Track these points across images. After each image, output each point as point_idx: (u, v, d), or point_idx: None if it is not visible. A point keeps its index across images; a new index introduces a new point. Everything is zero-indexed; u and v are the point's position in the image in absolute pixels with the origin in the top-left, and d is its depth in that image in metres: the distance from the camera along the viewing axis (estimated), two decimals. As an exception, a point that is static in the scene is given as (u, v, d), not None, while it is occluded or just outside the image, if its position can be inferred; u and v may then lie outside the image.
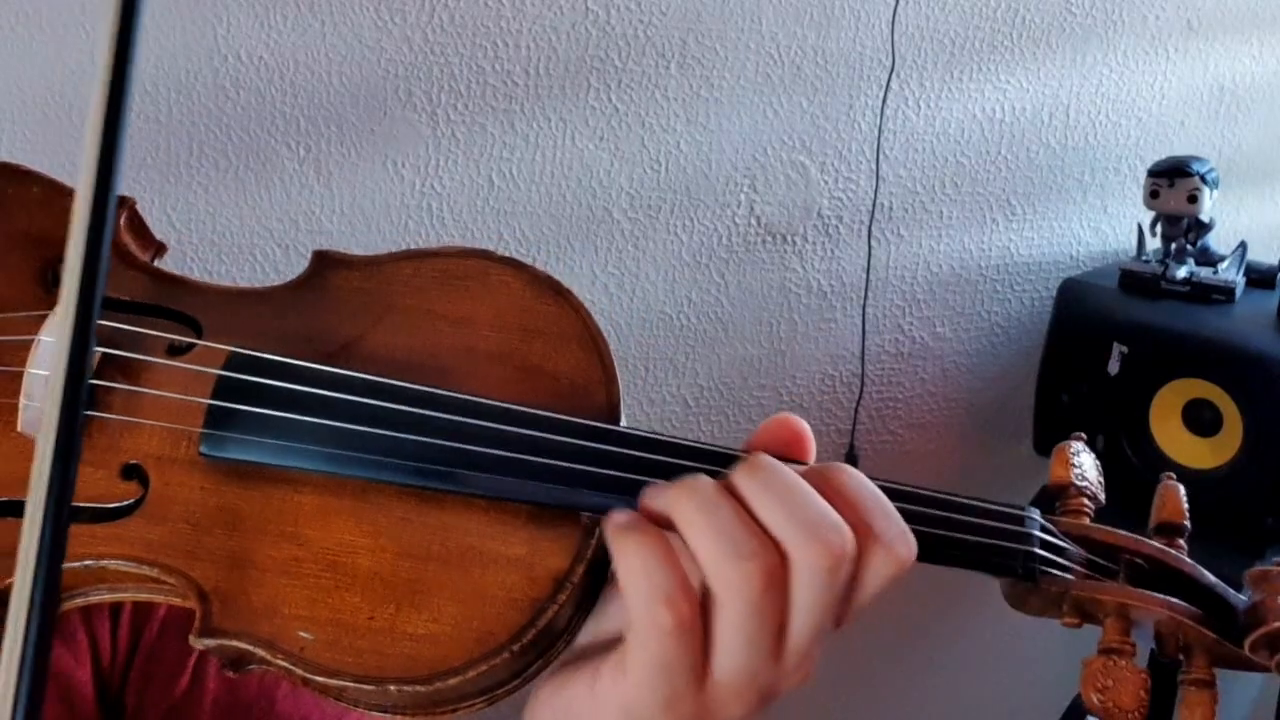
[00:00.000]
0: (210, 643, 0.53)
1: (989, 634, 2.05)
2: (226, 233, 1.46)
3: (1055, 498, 0.63)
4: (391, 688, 0.52)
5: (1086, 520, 0.61)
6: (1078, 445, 0.64)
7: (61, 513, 0.45)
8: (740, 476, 0.51)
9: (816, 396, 1.79)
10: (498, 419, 0.55)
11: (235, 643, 0.53)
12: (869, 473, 0.54)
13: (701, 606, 0.49)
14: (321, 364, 0.57)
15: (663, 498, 0.51)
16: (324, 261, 0.63)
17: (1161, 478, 0.64)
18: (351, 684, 0.52)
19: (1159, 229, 1.65)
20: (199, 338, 0.60)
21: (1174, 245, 1.63)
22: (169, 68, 1.38)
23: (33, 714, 0.42)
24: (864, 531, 0.51)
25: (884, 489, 0.55)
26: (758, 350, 1.73)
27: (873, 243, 1.76)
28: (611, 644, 0.53)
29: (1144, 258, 1.67)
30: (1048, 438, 1.68)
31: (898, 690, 2.04)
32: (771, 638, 0.49)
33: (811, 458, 0.55)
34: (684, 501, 0.50)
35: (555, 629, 0.54)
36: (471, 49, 1.50)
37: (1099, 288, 1.66)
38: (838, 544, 0.49)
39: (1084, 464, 0.63)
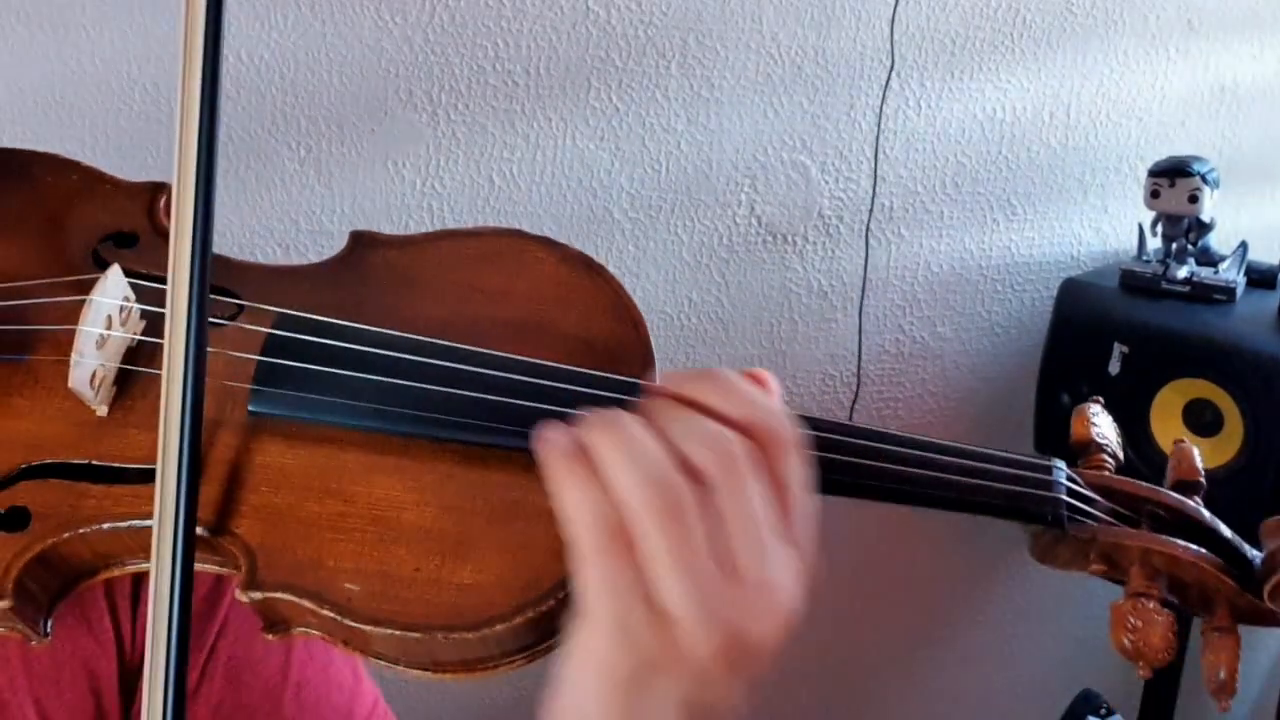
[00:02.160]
0: (256, 595, 0.54)
1: (990, 635, 2.05)
2: (227, 232, 1.45)
3: (1077, 455, 0.65)
4: (439, 636, 0.53)
5: (1108, 474, 0.63)
6: (1096, 407, 0.66)
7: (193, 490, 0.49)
8: (646, 408, 0.52)
9: (817, 396, 1.79)
10: (536, 374, 0.56)
11: (281, 594, 0.54)
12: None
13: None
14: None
15: (579, 429, 0.52)
16: (360, 241, 0.65)
17: (1174, 441, 0.67)
18: (398, 633, 0.53)
19: (1159, 229, 1.65)
20: (242, 308, 0.61)
21: (1174, 245, 1.63)
22: (169, 67, 1.37)
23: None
24: (756, 432, 0.52)
25: (919, 442, 0.57)
26: (758, 350, 1.73)
27: (873, 242, 1.76)
28: None
29: (1144, 258, 1.67)
30: (1048, 438, 1.68)
31: (898, 691, 2.04)
32: (703, 558, 0.50)
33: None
34: (591, 429, 0.51)
35: None
36: (472, 49, 1.50)
37: (1100, 288, 1.66)
38: (730, 454, 0.50)
39: (1103, 424, 0.65)
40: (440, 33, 1.48)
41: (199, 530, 0.55)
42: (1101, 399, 0.67)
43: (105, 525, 0.55)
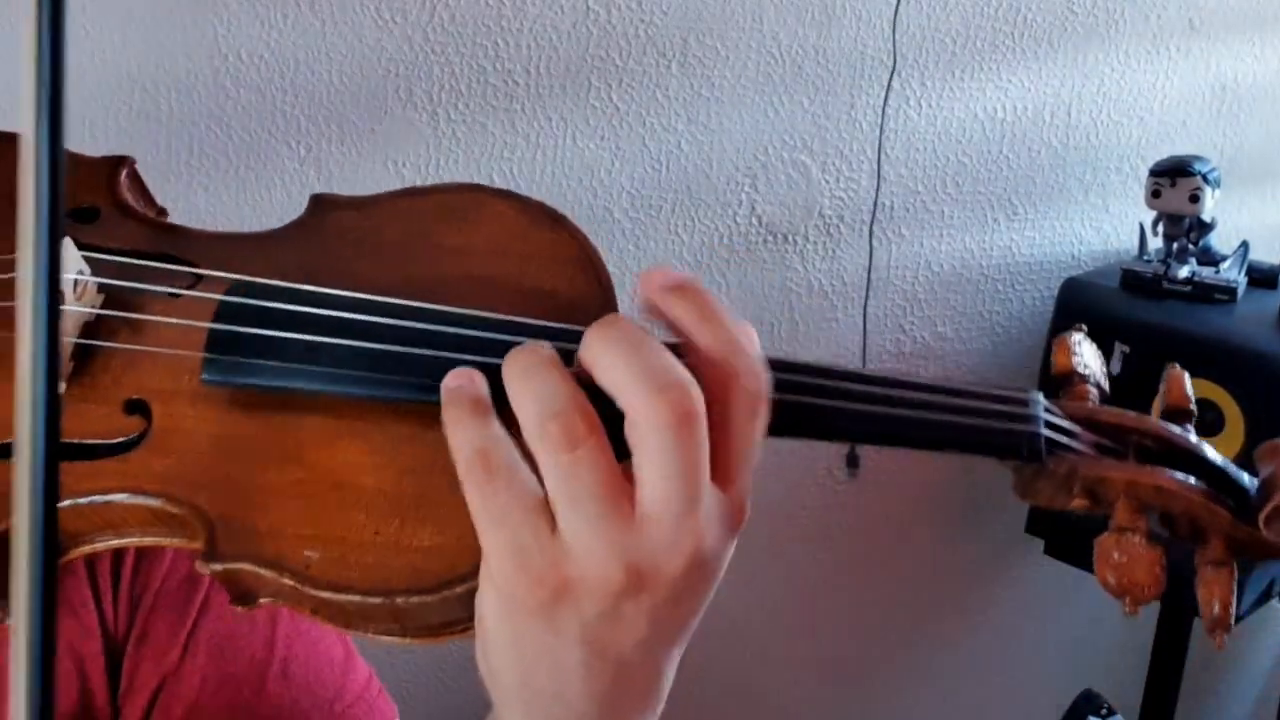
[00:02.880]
0: (217, 567, 0.53)
1: (991, 635, 2.05)
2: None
3: (1059, 387, 0.61)
4: (399, 600, 0.52)
5: (1091, 405, 0.60)
6: (1078, 335, 0.63)
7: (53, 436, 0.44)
8: (587, 337, 0.50)
9: (818, 396, 1.79)
10: (496, 329, 0.55)
11: (241, 564, 0.53)
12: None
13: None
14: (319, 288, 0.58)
15: (504, 367, 0.50)
16: (320, 204, 0.64)
17: (1167, 365, 0.63)
18: (358, 598, 0.52)
19: (1161, 228, 1.65)
20: (199, 277, 0.60)
21: (1176, 245, 1.63)
22: (169, 67, 1.38)
23: (48, 655, 0.42)
24: (723, 373, 0.49)
25: (884, 378, 0.54)
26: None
27: (874, 242, 1.75)
28: None
29: (1146, 257, 1.67)
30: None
31: (899, 690, 2.04)
32: (606, 500, 0.47)
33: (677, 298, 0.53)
34: (513, 364, 0.50)
35: None
36: (472, 48, 1.50)
37: (1101, 287, 1.66)
38: (680, 401, 0.47)
39: (1085, 352, 0.62)
40: (440, 32, 1.48)
41: (156, 502, 0.55)
42: (1085, 326, 0.64)
43: (67, 502, 0.55)
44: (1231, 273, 1.61)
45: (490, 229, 0.62)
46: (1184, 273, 1.61)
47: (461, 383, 0.51)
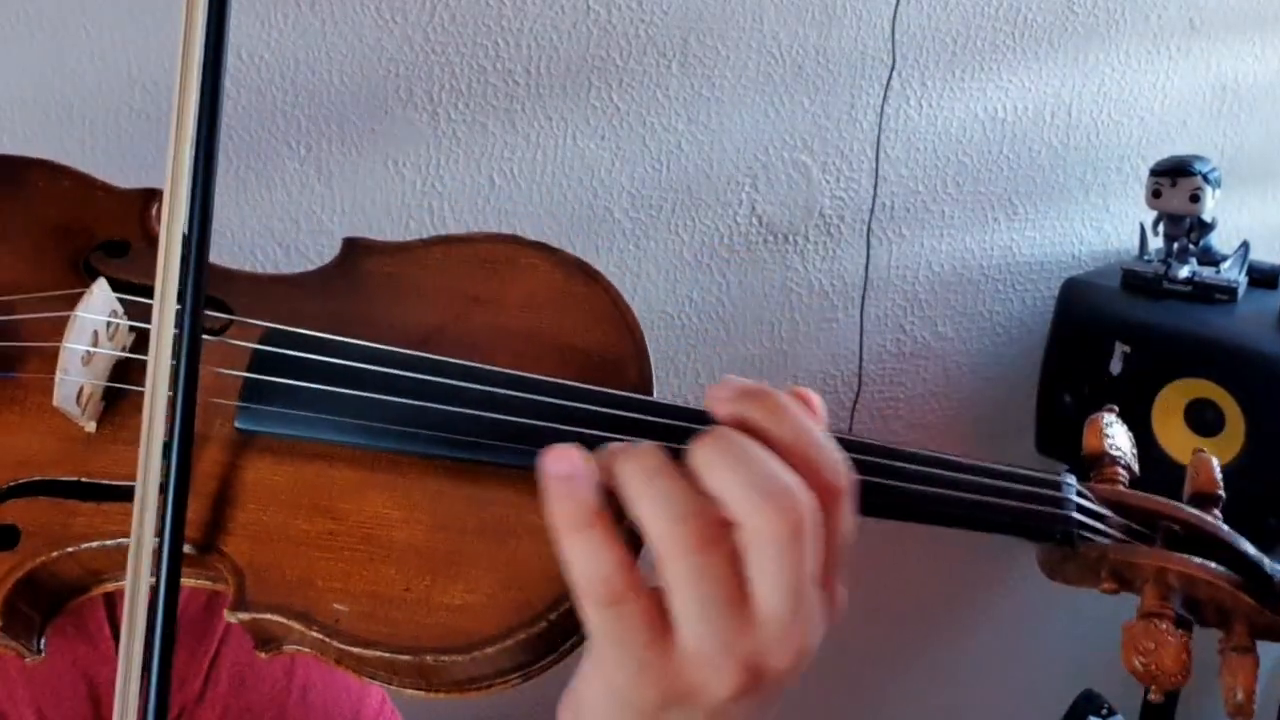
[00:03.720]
0: (244, 616, 0.53)
1: (991, 635, 2.05)
2: (228, 232, 1.46)
3: (1090, 468, 0.63)
4: (429, 658, 0.52)
5: (1121, 487, 0.61)
6: (1110, 417, 0.64)
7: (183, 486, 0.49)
8: (696, 446, 0.50)
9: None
10: (530, 389, 0.55)
11: (269, 615, 0.53)
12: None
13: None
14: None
15: (609, 465, 0.50)
16: (354, 248, 0.64)
17: (1194, 451, 0.64)
18: (387, 654, 0.52)
19: (1161, 228, 1.65)
20: (231, 321, 0.60)
21: (1176, 245, 1.63)
22: (169, 67, 1.37)
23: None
24: (817, 482, 0.49)
25: (924, 456, 0.54)
26: (759, 349, 1.73)
27: (874, 242, 1.75)
28: None
29: (1146, 257, 1.67)
30: (1049, 437, 1.68)
31: (900, 691, 2.04)
32: (728, 605, 0.48)
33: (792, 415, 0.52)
34: (624, 467, 0.49)
35: None
36: (473, 48, 1.50)
37: (1101, 287, 1.66)
38: (792, 510, 0.47)
39: (1116, 434, 0.63)
40: (441, 32, 1.48)
41: (186, 548, 0.54)
42: (1116, 407, 0.65)
43: (95, 543, 0.55)
44: (1232, 273, 1.61)
45: (525, 281, 0.62)
46: (1184, 273, 1.60)
47: (576, 489, 0.48)
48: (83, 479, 0.56)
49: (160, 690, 0.48)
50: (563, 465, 0.48)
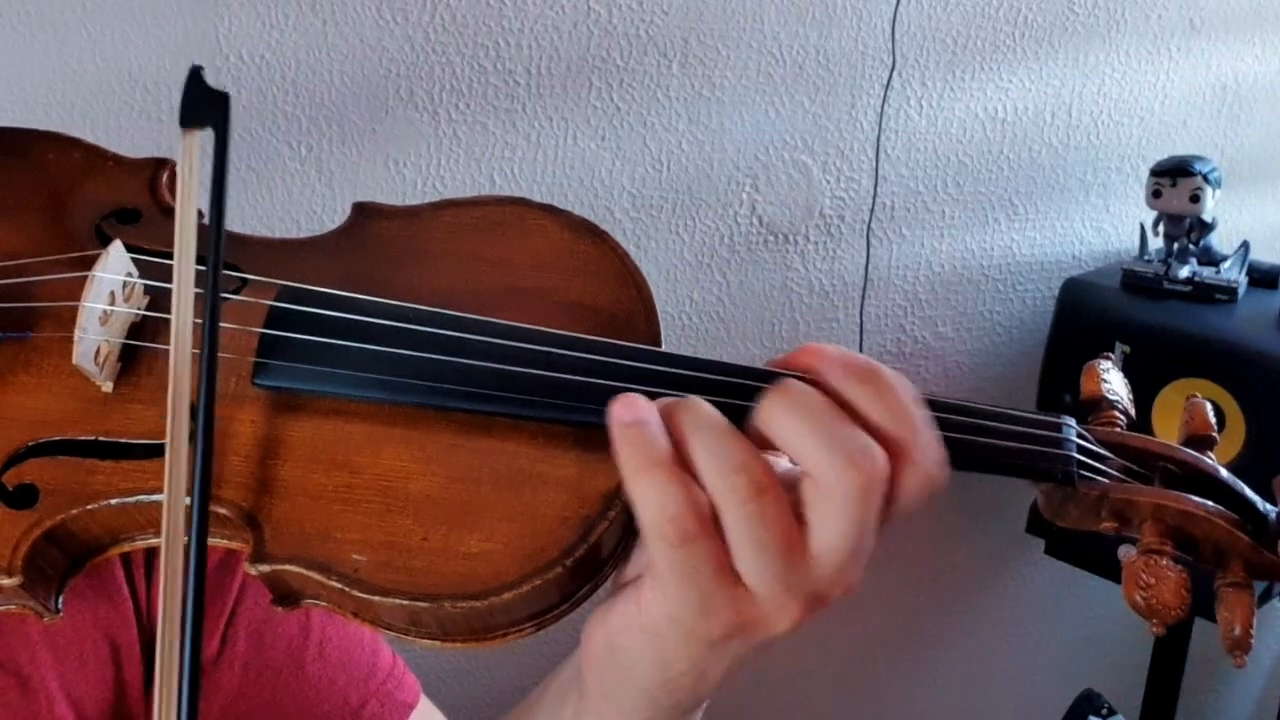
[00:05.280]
0: (264, 568, 0.54)
1: (992, 635, 2.05)
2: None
3: (1087, 412, 0.64)
4: (447, 605, 0.53)
5: (1119, 430, 0.63)
6: (1106, 363, 0.65)
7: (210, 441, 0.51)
8: (769, 402, 0.53)
9: (818, 396, 1.79)
10: (542, 342, 0.57)
11: (289, 567, 0.54)
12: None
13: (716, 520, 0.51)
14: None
15: (673, 419, 0.52)
16: (363, 212, 0.65)
17: (1187, 396, 0.66)
18: (406, 602, 0.53)
19: (1161, 228, 1.65)
20: (245, 282, 0.61)
21: (1176, 245, 1.63)
22: (170, 67, 1.37)
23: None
24: (897, 450, 0.52)
25: (924, 400, 0.56)
26: (759, 349, 1.73)
27: (874, 242, 1.75)
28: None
29: (1146, 257, 1.67)
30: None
31: (901, 690, 2.04)
32: (786, 548, 0.51)
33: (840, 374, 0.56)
34: (687, 419, 0.52)
35: (604, 549, 0.55)
36: (473, 48, 1.50)
37: (1101, 287, 1.66)
38: (867, 468, 0.50)
39: (1113, 380, 0.65)
40: (441, 32, 1.48)
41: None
42: (1112, 355, 0.67)
43: (114, 501, 0.56)
44: (1232, 273, 1.61)
45: (533, 242, 0.63)
46: (1184, 273, 1.61)
47: (643, 433, 0.52)
48: (100, 438, 0.57)
49: (194, 652, 0.49)
50: (630, 413, 0.52)
